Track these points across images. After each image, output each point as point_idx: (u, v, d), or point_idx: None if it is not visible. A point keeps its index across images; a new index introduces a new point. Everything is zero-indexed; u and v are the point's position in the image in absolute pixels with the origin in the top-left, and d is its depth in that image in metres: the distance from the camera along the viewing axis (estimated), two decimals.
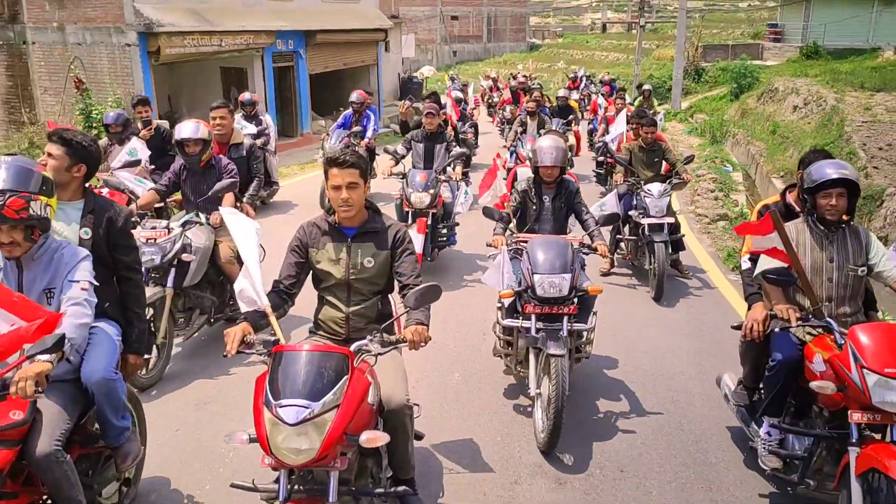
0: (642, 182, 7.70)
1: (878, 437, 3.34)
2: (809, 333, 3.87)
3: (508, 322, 4.86)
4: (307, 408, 2.72)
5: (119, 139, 7.27)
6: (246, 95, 12.00)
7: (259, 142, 10.56)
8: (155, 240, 5.35)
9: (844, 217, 3.91)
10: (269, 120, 11.14)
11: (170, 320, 5.39)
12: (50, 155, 3.40)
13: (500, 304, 5.11)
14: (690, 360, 5.77)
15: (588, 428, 4.88)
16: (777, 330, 3.78)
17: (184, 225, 5.64)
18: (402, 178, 8.13)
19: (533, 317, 4.71)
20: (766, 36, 37.42)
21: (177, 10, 14.99)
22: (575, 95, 21.04)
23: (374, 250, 3.56)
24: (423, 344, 3.25)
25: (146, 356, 4.22)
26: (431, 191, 7.43)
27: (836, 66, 23.46)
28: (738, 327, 4.19)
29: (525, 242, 5.13)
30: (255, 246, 3.42)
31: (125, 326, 3.75)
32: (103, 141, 7.68)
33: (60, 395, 3.21)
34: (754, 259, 4.19)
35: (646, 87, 17.85)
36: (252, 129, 10.95)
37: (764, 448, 3.85)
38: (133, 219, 5.87)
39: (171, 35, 14.59)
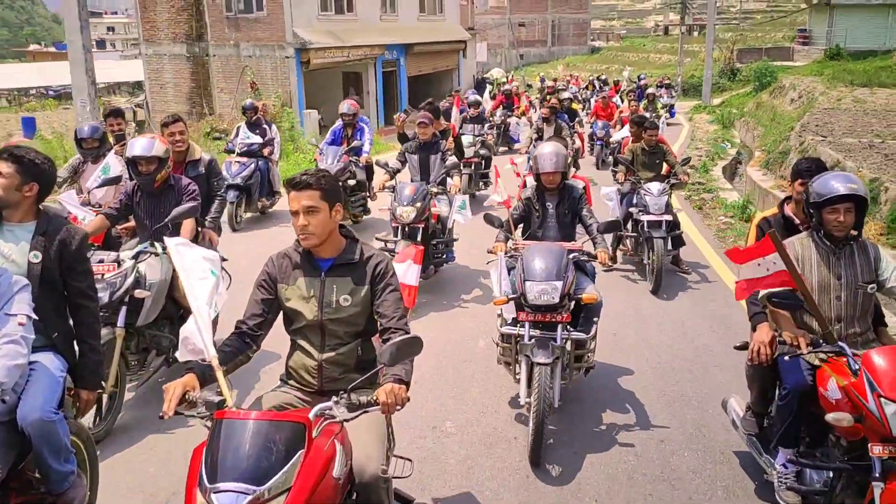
0: (643, 182, 7.75)
1: None
2: (821, 358, 3.48)
3: (506, 330, 4.61)
4: (248, 493, 2.17)
5: (94, 156, 6.19)
6: (247, 101, 11.23)
7: (265, 151, 9.88)
8: (102, 275, 4.59)
9: (852, 232, 3.61)
10: (274, 129, 10.33)
11: (121, 364, 4.57)
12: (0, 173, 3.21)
13: (499, 312, 4.85)
14: (696, 361, 5.38)
15: (585, 439, 4.53)
16: (768, 352, 3.39)
17: (136, 256, 4.77)
18: (392, 192, 7.63)
19: (527, 324, 4.45)
20: (797, 40, 40.06)
21: (320, 31, 21.72)
22: (617, 100, 20.08)
23: (351, 286, 2.96)
24: (398, 407, 2.63)
25: (100, 391, 3.61)
26: (418, 204, 6.80)
27: (850, 66, 24.72)
28: (742, 347, 3.85)
29: (521, 249, 4.95)
30: (208, 284, 2.78)
31: (77, 359, 3.36)
32: (74, 159, 6.67)
33: None
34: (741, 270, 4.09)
35: (650, 90, 19.03)
36: (256, 139, 10.13)
37: (781, 483, 3.48)
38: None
39: (317, 50, 21.17)
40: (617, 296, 7.42)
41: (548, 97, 17.20)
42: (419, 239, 7.03)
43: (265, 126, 10.71)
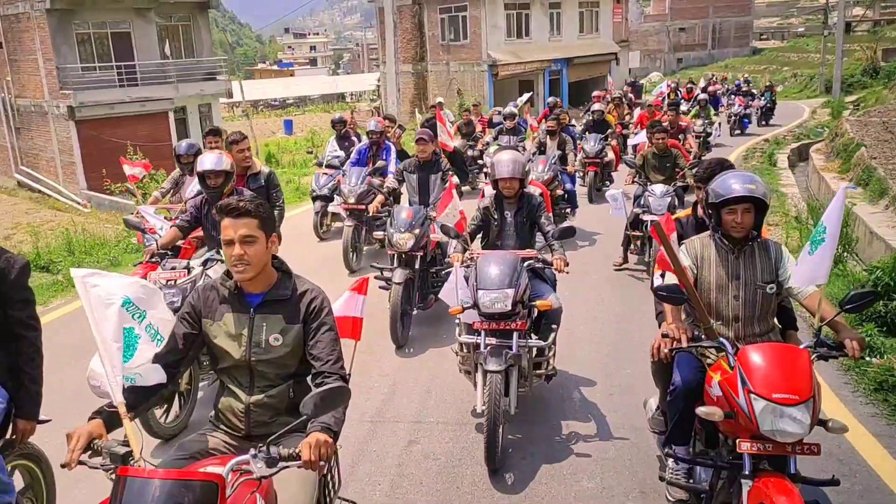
0: (650, 184, 7.90)
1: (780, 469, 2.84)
2: (709, 356, 3.30)
3: (464, 339, 4.40)
4: None
5: (191, 170, 6.47)
6: (337, 115, 11.24)
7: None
8: (174, 281, 4.82)
9: (753, 232, 3.35)
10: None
11: (194, 364, 4.65)
12: None
13: (457, 321, 4.57)
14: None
15: (544, 447, 4.36)
16: (666, 350, 3.23)
17: (204, 263, 5.00)
18: (387, 216, 6.70)
19: (482, 332, 4.23)
20: None
21: (506, 52, 28.99)
22: (684, 107, 17.76)
23: (282, 324, 2.60)
24: (322, 462, 2.25)
25: (41, 420, 3.25)
26: (416, 230, 6.11)
27: None
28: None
29: (476, 258, 4.63)
30: (115, 320, 2.44)
31: (16, 389, 3.08)
32: (175, 172, 6.98)
33: None
34: (664, 276, 3.57)
35: (701, 97, 17.27)
36: (342, 153, 9.80)
37: (669, 477, 3.37)
38: (153, 258, 5.12)
39: (503, 65, 28.39)
40: (623, 294, 7.21)
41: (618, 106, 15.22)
42: (417, 267, 6.14)
43: (353, 139, 10.25)
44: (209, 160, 5.14)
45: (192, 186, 6.24)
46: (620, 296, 7.32)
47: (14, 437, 3.16)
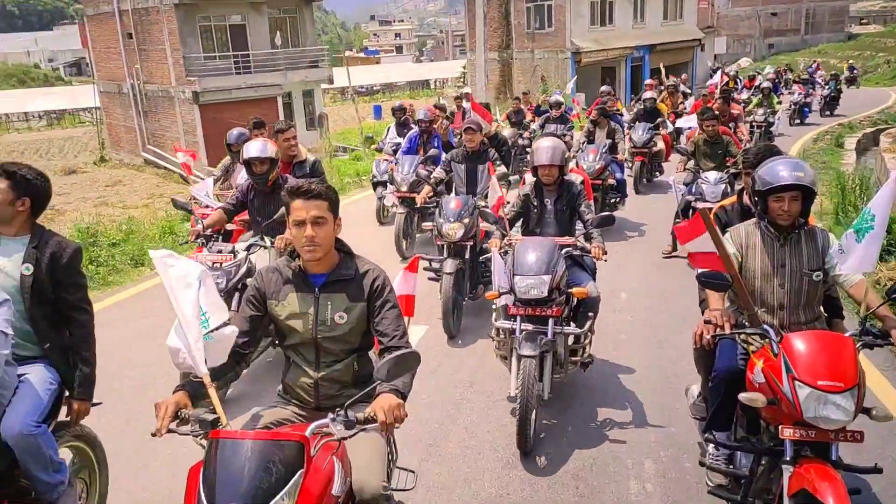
0: (702, 172, 7.74)
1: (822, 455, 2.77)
2: (753, 343, 3.19)
3: (500, 323, 4.38)
4: None
5: (241, 158, 5.85)
6: (397, 103, 11.15)
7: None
8: (220, 264, 4.92)
9: (800, 220, 3.28)
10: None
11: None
12: None
13: (494, 306, 4.59)
14: None
15: (579, 433, 4.31)
16: (709, 337, 3.19)
17: (248, 248, 5.10)
18: (436, 207, 6.61)
19: (518, 318, 4.20)
20: None
21: (589, 39, 28.82)
22: (744, 95, 17.84)
23: (346, 303, 2.68)
24: (397, 425, 2.36)
25: (94, 402, 3.33)
26: (466, 220, 6.00)
27: None
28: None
29: (514, 244, 4.60)
30: (193, 297, 2.57)
31: (70, 370, 3.17)
32: (226, 160, 7.17)
33: None
34: None
35: (765, 84, 16.19)
36: (401, 140, 9.41)
37: (709, 463, 3.37)
38: (199, 239, 5.17)
39: (586, 52, 28.29)
40: (670, 282, 6.97)
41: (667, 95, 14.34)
42: (467, 257, 6.02)
43: (413, 126, 9.69)
44: (255, 147, 5.19)
45: (243, 174, 6.23)
46: (666, 284, 7.05)
47: (69, 417, 3.20)
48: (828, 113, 21.89)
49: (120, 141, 28.81)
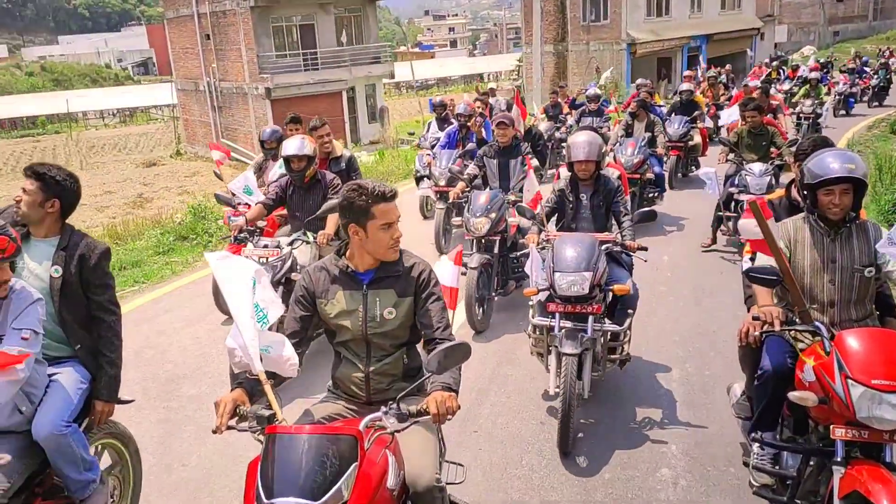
0: (745, 163, 7.41)
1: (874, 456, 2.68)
2: (804, 340, 3.09)
3: (537, 321, 4.30)
4: None
5: (274, 155, 6.71)
6: (437, 98, 10.88)
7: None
8: (267, 259, 4.96)
9: (851, 213, 3.12)
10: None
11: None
12: (24, 190, 3.13)
13: (531, 303, 4.47)
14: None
15: (619, 433, 4.19)
16: (757, 334, 3.08)
17: (291, 243, 5.19)
18: (466, 202, 6.46)
19: (557, 315, 4.11)
20: None
21: (645, 30, 28.87)
22: (786, 86, 17.14)
23: (395, 298, 2.68)
24: (449, 417, 2.39)
25: (124, 401, 3.37)
26: (493, 214, 5.93)
27: None
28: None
29: (553, 240, 4.49)
30: (248, 297, 2.61)
31: (95, 372, 3.16)
32: (258, 157, 7.11)
33: (9, 448, 2.81)
34: (755, 259, 3.46)
35: (812, 75, 15.41)
36: (441, 135, 9.16)
37: (753, 463, 3.25)
38: (241, 234, 5.20)
39: (641, 43, 28.55)
40: (709, 276, 6.81)
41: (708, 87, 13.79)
42: (496, 251, 5.93)
43: (453, 121, 9.59)
44: (292, 145, 5.23)
45: (275, 171, 6.28)
46: (705, 278, 6.80)
47: (91, 418, 3.13)
48: (876, 104, 20.62)
49: (195, 135, 30.69)
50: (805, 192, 3.19)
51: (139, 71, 72.85)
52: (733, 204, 7.37)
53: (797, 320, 3.07)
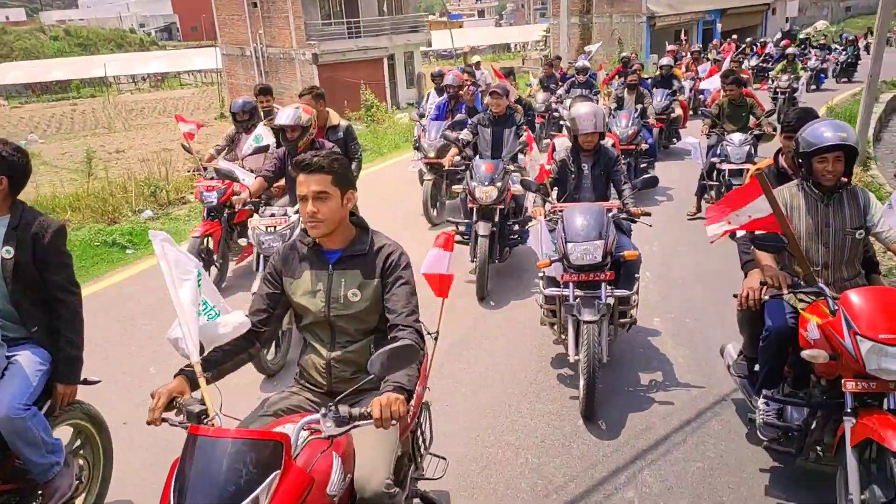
0: (726, 134, 7.66)
1: (876, 405, 2.82)
2: (803, 301, 3.20)
3: (549, 291, 4.32)
4: None
5: (246, 127, 6.59)
6: (437, 69, 10.62)
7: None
8: (275, 227, 4.88)
9: (843, 179, 3.25)
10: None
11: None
12: None
13: (541, 275, 4.49)
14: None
15: (627, 396, 4.32)
16: (767, 298, 3.25)
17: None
18: (466, 170, 6.40)
19: (571, 284, 4.11)
20: None
21: (664, 4, 29.63)
22: (753, 62, 16.66)
23: (360, 279, 2.50)
24: (394, 422, 2.12)
25: (90, 381, 3.20)
26: (499, 184, 5.89)
27: None
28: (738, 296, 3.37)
29: (561, 211, 4.47)
30: (192, 286, 2.42)
31: (55, 353, 2.97)
32: (230, 129, 6.89)
33: None
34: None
35: (790, 51, 15.85)
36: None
37: (761, 419, 3.38)
38: (247, 206, 5.11)
39: (660, 17, 29.33)
40: (696, 244, 6.92)
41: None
42: (497, 220, 5.87)
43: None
44: (286, 115, 4.99)
45: (248, 143, 6.03)
46: (692, 246, 6.84)
47: (53, 400, 2.89)
48: (844, 79, 20.56)
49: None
50: (800, 161, 3.25)
51: (163, 36, 69.44)
52: (715, 173, 7.57)
53: (802, 283, 3.19)
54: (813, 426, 3.13)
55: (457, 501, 3.33)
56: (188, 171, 7.36)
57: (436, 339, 2.83)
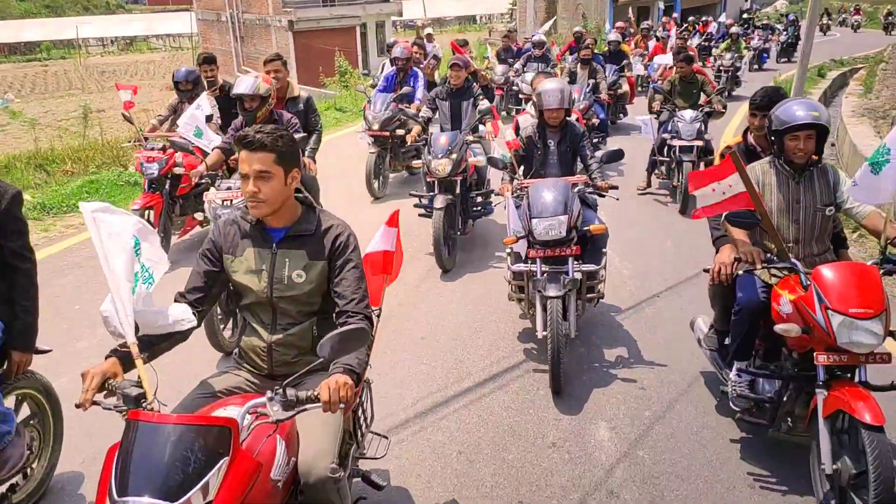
0: (678, 110, 7.72)
1: (847, 377, 2.91)
2: (775, 276, 3.23)
3: (516, 267, 4.27)
4: None
5: (189, 97, 6.38)
6: (392, 40, 10.03)
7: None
8: (231, 201, 4.67)
9: (814, 157, 3.25)
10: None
11: None
12: None
13: (508, 251, 4.42)
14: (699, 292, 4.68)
15: (593, 372, 4.31)
16: (741, 272, 3.25)
17: None
18: (424, 144, 6.25)
19: (538, 260, 4.05)
20: None
21: None
22: (695, 41, 16.49)
23: (305, 260, 2.38)
24: (342, 405, 2.02)
25: (41, 350, 3.10)
26: (454, 155, 5.87)
27: None
28: (709, 270, 3.37)
29: (527, 188, 4.40)
30: (129, 257, 2.25)
31: (9, 321, 2.85)
32: (173, 99, 6.72)
33: None
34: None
35: (733, 30, 16.11)
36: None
37: (734, 391, 3.39)
38: (204, 180, 4.90)
39: None
40: (648, 217, 7.08)
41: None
42: (457, 192, 5.82)
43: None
44: (244, 84, 4.81)
45: (188, 112, 5.73)
46: (642, 220, 6.92)
47: (8, 368, 2.80)
48: (784, 59, 20.76)
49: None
50: (773, 138, 3.24)
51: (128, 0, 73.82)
52: (666, 149, 7.55)
53: (774, 258, 3.18)
54: (785, 398, 3.19)
55: (398, 480, 3.24)
56: (128, 142, 6.96)
57: (378, 316, 2.72)
